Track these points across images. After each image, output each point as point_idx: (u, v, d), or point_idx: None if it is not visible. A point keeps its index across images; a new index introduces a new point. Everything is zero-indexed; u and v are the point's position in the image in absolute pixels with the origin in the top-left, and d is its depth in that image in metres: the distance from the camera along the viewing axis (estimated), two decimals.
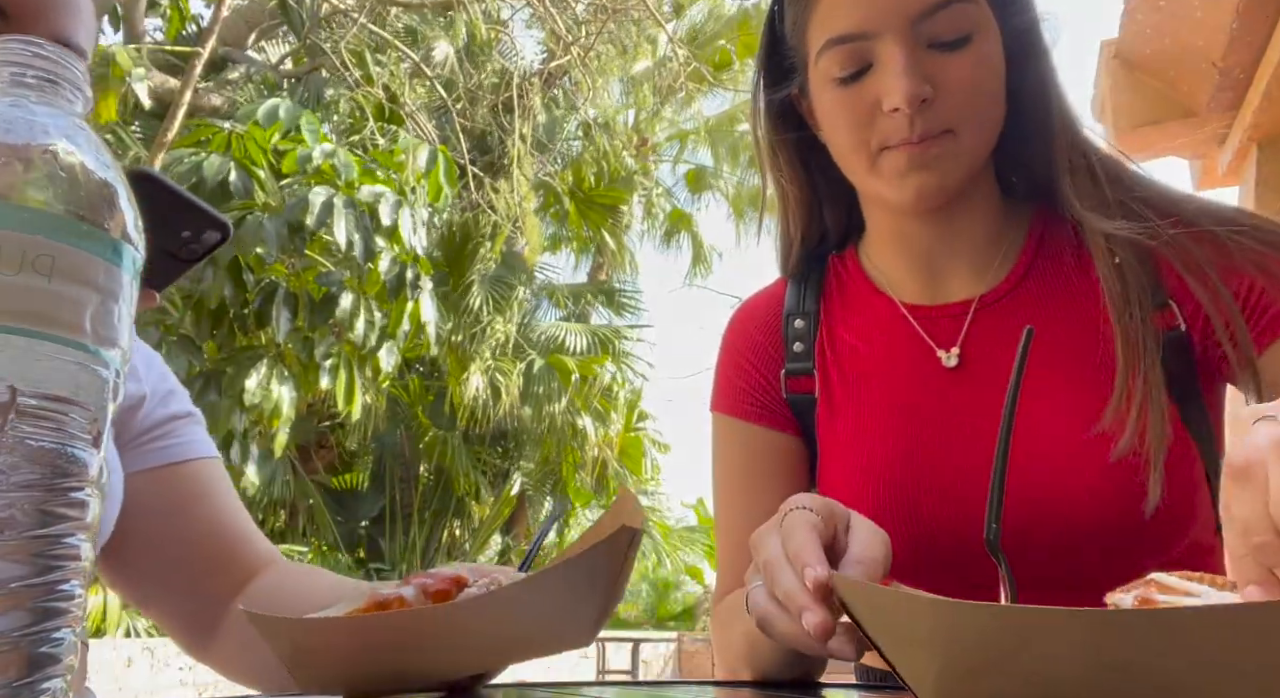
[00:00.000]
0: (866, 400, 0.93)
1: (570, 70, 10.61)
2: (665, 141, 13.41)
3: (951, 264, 0.94)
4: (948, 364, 0.90)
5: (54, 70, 0.36)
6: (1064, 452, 0.83)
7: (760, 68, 0.98)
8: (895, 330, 0.94)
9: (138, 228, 0.37)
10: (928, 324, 0.93)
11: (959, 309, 0.93)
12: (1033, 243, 0.93)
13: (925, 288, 0.95)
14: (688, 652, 10.98)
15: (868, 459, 0.90)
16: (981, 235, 0.93)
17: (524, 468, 11.19)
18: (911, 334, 0.93)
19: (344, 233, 5.94)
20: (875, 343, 0.95)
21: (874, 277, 0.98)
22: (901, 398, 0.92)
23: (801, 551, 0.57)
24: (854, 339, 0.97)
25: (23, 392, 0.32)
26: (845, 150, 0.89)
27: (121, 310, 0.35)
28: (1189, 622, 0.36)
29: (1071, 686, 0.39)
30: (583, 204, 11.61)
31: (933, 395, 0.90)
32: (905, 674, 0.46)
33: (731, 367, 1.02)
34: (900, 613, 0.45)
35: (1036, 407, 0.84)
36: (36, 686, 0.31)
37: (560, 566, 0.55)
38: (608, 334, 11.24)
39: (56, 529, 0.32)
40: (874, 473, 0.89)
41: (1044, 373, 0.86)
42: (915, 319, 0.94)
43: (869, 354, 0.95)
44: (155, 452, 0.92)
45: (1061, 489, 0.82)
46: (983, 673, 0.41)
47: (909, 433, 0.89)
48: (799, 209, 1.02)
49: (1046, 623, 0.38)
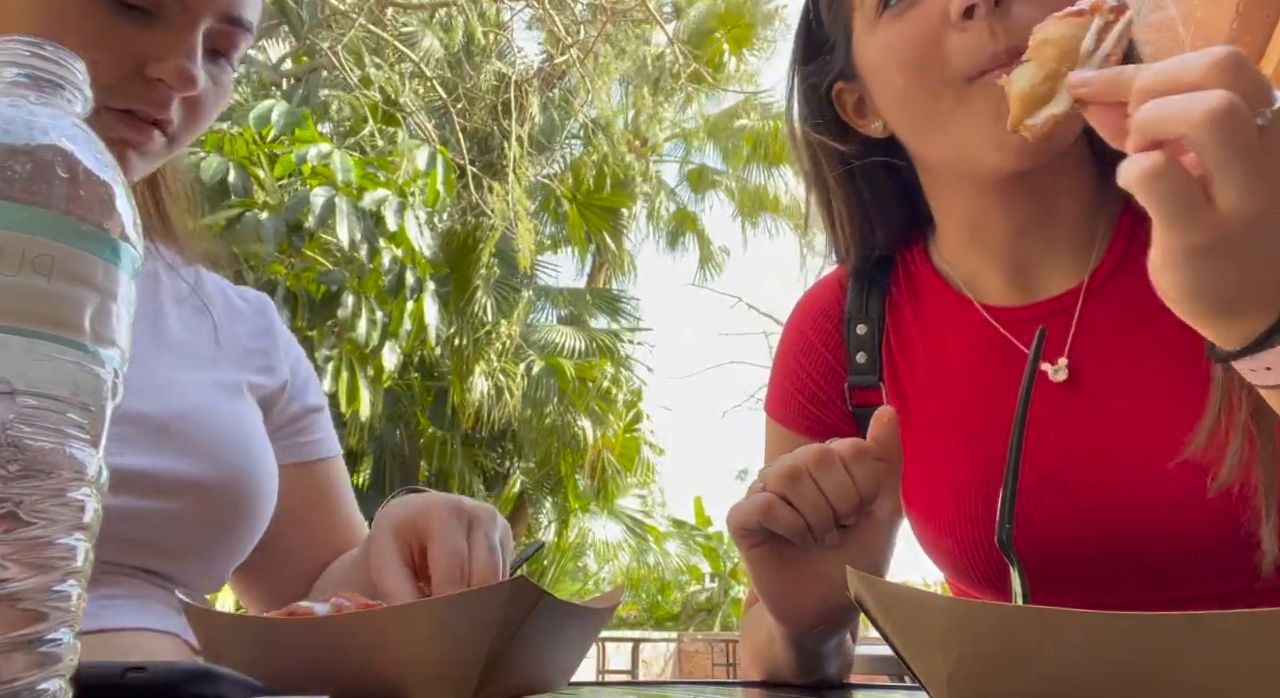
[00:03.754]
0: (950, 422, 0.82)
1: (570, 70, 10.60)
2: (666, 141, 13.41)
3: (1041, 255, 0.81)
4: (1056, 379, 0.78)
5: (54, 70, 0.36)
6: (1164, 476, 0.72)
7: (796, 61, 0.88)
8: (979, 339, 0.82)
9: (137, 228, 0.37)
10: (1016, 329, 0.81)
11: (1047, 308, 0.80)
12: (1128, 219, 0.79)
13: (1011, 286, 0.82)
14: (687, 652, 10.98)
15: (954, 489, 0.80)
16: (1077, 216, 0.80)
17: (523, 469, 11.20)
18: (995, 339, 0.81)
19: (346, 233, 5.94)
20: (954, 354, 0.84)
21: (948, 275, 0.86)
22: (987, 410, 0.79)
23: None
24: (928, 348, 0.85)
25: (21, 391, 0.32)
26: (914, 97, 0.74)
27: (121, 310, 0.35)
28: (1202, 624, 0.36)
29: (1084, 686, 0.39)
30: (582, 206, 11.61)
31: (1035, 409, 0.74)
32: (920, 673, 0.46)
33: (787, 372, 0.92)
34: (915, 612, 0.45)
35: (1142, 415, 0.73)
36: (36, 686, 0.31)
37: (444, 597, 0.55)
38: (606, 338, 11.24)
39: (54, 530, 0.32)
40: (964, 504, 0.79)
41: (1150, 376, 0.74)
42: (1002, 325, 0.81)
43: (949, 368, 0.84)
44: (295, 448, 0.91)
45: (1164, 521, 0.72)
46: (996, 673, 0.42)
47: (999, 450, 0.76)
48: (847, 213, 0.89)
49: (1060, 624, 0.38)
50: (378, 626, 0.52)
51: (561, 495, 11.19)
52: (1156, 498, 0.72)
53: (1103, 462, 0.75)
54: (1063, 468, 0.76)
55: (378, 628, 0.52)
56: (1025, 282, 0.82)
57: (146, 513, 0.72)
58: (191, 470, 0.75)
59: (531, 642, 0.54)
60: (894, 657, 0.49)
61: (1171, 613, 0.37)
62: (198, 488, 0.75)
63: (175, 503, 0.74)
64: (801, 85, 0.87)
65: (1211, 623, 0.36)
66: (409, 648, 0.52)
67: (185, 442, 0.76)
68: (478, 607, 0.52)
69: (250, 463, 0.81)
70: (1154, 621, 0.37)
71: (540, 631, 0.55)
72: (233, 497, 0.78)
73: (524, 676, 0.57)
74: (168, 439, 0.75)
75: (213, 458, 0.77)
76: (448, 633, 0.51)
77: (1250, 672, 0.36)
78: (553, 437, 10.35)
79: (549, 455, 10.64)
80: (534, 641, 0.54)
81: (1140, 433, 0.74)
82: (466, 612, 0.52)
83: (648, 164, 12.68)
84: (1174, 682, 0.37)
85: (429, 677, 0.52)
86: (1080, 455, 0.76)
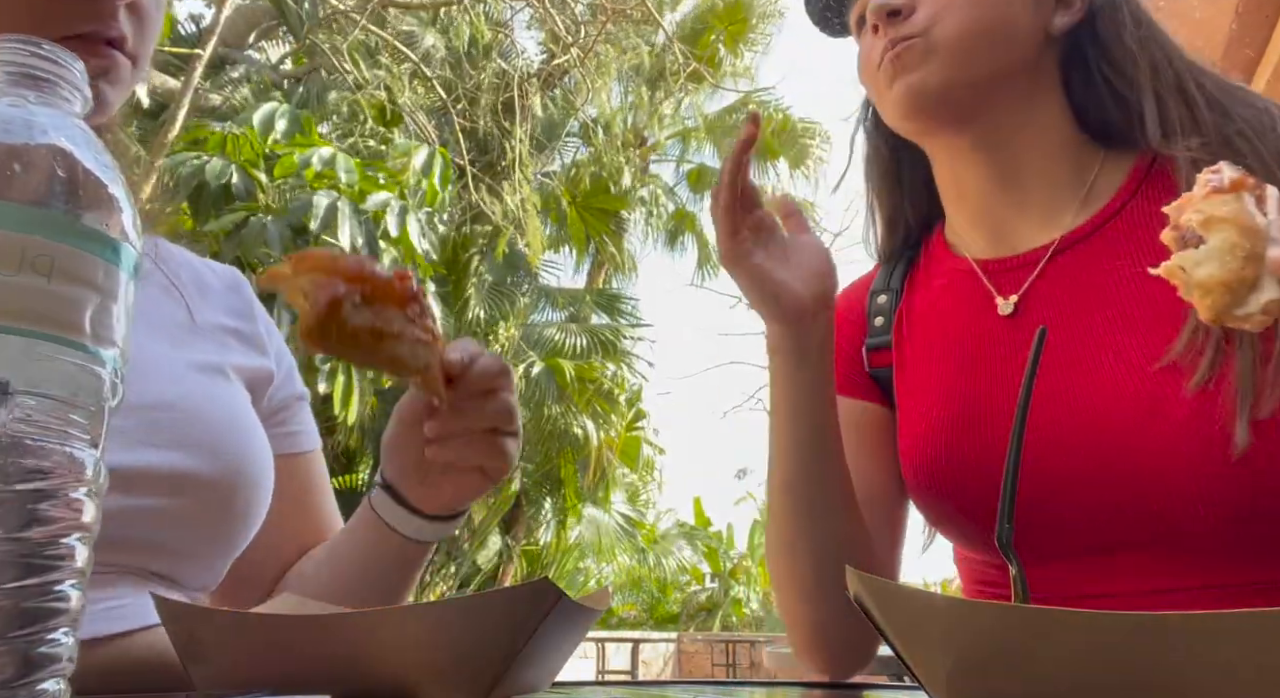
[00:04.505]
0: (932, 359, 0.92)
1: (570, 69, 10.61)
2: (666, 140, 13.41)
3: (1015, 212, 0.90)
4: (1003, 312, 0.87)
5: (54, 70, 0.36)
6: (1135, 392, 0.77)
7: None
8: (963, 286, 0.92)
9: (136, 228, 0.37)
10: (995, 276, 0.90)
11: (1030, 258, 0.88)
12: (1130, 187, 0.86)
13: (992, 240, 0.92)
14: (687, 652, 10.98)
15: (926, 421, 0.89)
16: (1048, 181, 0.89)
17: (523, 468, 11.19)
18: (976, 287, 0.91)
19: (348, 236, 5.95)
20: (945, 303, 0.94)
21: (952, 242, 0.97)
22: (958, 351, 0.90)
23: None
24: (928, 305, 0.95)
25: (21, 391, 0.32)
26: (870, 93, 0.92)
27: (120, 310, 0.35)
28: (1202, 624, 0.36)
29: (1084, 686, 0.39)
30: (581, 207, 11.61)
31: (988, 345, 0.87)
32: (919, 671, 0.46)
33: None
34: (915, 612, 0.45)
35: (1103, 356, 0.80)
36: (35, 686, 0.31)
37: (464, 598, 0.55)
38: (606, 335, 11.24)
39: (54, 530, 0.32)
40: (933, 432, 0.88)
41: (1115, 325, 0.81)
42: (985, 273, 0.91)
43: (939, 315, 0.94)
44: (281, 439, 0.88)
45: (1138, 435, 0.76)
46: (995, 671, 0.42)
47: (962, 387, 0.87)
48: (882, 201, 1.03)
49: (1060, 624, 0.39)
50: (395, 625, 0.52)
51: (561, 496, 11.18)
52: (1124, 415, 0.77)
53: (1058, 393, 0.81)
54: (998, 393, 0.84)
55: (395, 627, 0.51)
56: (1000, 236, 0.91)
57: (143, 511, 0.70)
58: (186, 464, 0.72)
59: (546, 642, 0.54)
60: (894, 657, 0.49)
61: (1171, 613, 0.37)
62: (195, 483, 0.73)
63: (172, 499, 0.71)
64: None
65: (1211, 623, 0.36)
66: (427, 648, 0.51)
67: (176, 433, 0.73)
68: (500, 607, 0.52)
69: (248, 455, 0.78)
70: (1154, 621, 0.37)
71: (555, 631, 0.54)
72: (230, 492, 0.76)
73: (530, 676, 0.57)
74: (157, 431, 0.72)
75: (209, 451, 0.74)
76: (469, 633, 0.51)
77: (1250, 672, 0.36)
78: (552, 439, 10.35)
79: (549, 456, 10.64)
80: (548, 641, 0.54)
81: (1097, 358, 0.80)
82: (488, 612, 0.52)
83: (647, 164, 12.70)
84: (1174, 682, 0.37)
85: (444, 677, 0.52)
86: (1016, 381, 0.81)
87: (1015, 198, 0.89)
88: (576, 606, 0.56)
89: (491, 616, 0.51)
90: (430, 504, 0.78)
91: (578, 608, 0.56)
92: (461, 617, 0.52)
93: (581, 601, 0.57)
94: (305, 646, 0.52)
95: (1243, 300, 0.51)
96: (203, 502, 0.74)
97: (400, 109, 8.94)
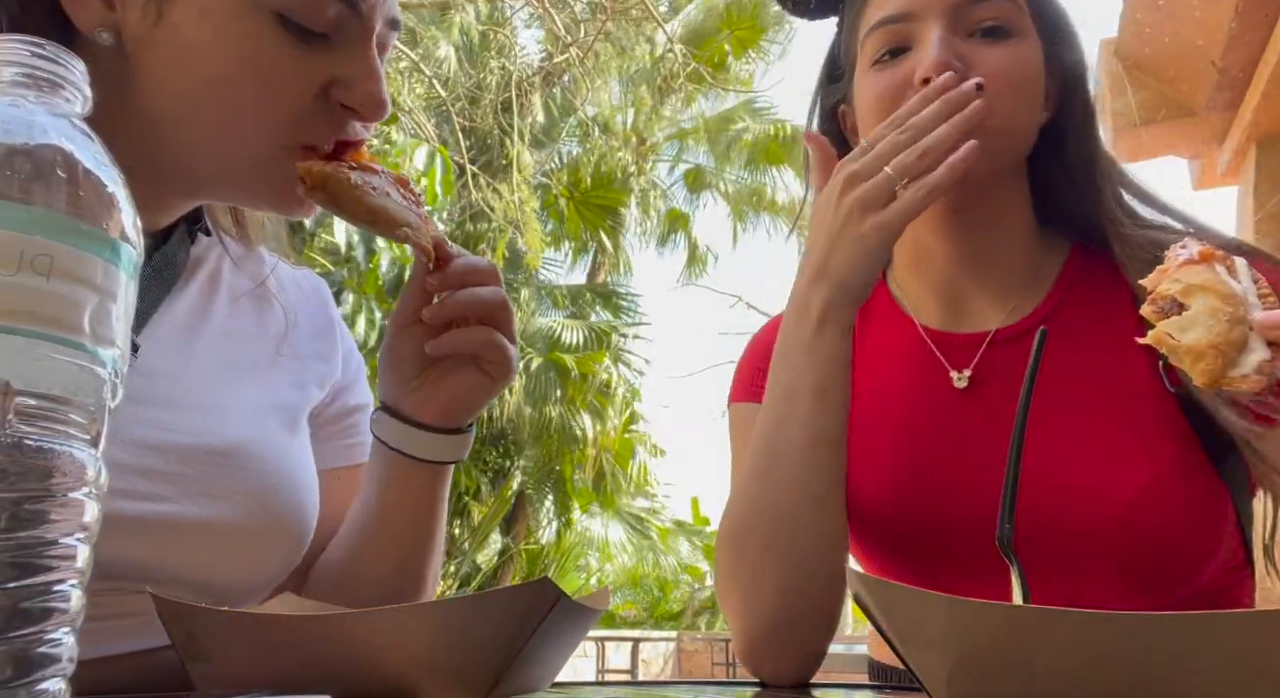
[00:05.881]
0: (876, 421, 0.92)
1: (570, 68, 10.60)
2: (665, 141, 13.40)
3: (975, 291, 0.92)
4: (958, 386, 0.89)
5: (54, 70, 0.36)
6: (1085, 482, 0.81)
7: (820, 82, 1.00)
8: (911, 352, 0.93)
9: (136, 228, 0.37)
10: (947, 350, 0.92)
11: (980, 339, 0.90)
12: (1067, 277, 0.91)
13: (947, 314, 0.93)
14: (687, 651, 10.98)
15: (875, 486, 0.89)
16: (1009, 264, 0.91)
17: (523, 467, 11.19)
18: (928, 357, 0.92)
19: (344, 234, 5.95)
20: (889, 362, 0.94)
21: (898, 297, 0.98)
22: (909, 417, 0.91)
23: None
24: (869, 357, 0.95)
25: (20, 391, 0.32)
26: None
27: (119, 310, 0.35)
28: (1202, 624, 0.36)
29: (1084, 686, 0.39)
30: (580, 205, 11.61)
31: (940, 416, 0.89)
32: (919, 672, 0.47)
33: (755, 361, 1.01)
34: (915, 612, 0.46)
35: (1053, 444, 0.82)
36: (34, 686, 0.31)
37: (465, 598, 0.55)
38: (605, 329, 11.24)
39: (53, 531, 0.32)
40: (882, 499, 0.89)
41: (1065, 414, 0.84)
42: (934, 344, 0.92)
43: (882, 373, 0.94)
44: (341, 451, 0.88)
45: (1087, 514, 0.80)
46: (996, 672, 0.42)
47: (915, 454, 0.89)
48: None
49: (1060, 624, 0.39)
50: (395, 624, 0.52)
51: (562, 494, 11.18)
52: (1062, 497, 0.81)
53: (993, 468, 0.80)
54: (951, 466, 0.87)
55: (395, 627, 0.51)
56: (958, 311, 0.93)
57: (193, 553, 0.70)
58: (237, 516, 0.72)
59: (546, 642, 0.54)
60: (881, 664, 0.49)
61: (1171, 613, 0.37)
62: (245, 533, 0.73)
63: (222, 546, 0.72)
64: (822, 102, 1.00)
65: (1211, 623, 0.36)
66: (427, 647, 0.51)
67: (236, 484, 0.72)
68: (500, 607, 0.51)
69: (299, 511, 0.78)
70: (1154, 621, 0.37)
71: (556, 631, 0.54)
72: (276, 541, 0.76)
73: (530, 676, 0.56)
74: (215, 478, 0.71)
75: (262, 504, 0.74)
76: (470, 633, 0.51)
77: (1250, 672, 0.36)
78: (553, 436, 10.35)
79: (550, 453, 10.63)
80: (548, 641, 0.54)
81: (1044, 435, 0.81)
82: (488, 612, 0.52)
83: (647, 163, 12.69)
84: (1174, 682, 0.37)
85: (444, 677, 0.51)
86: (971, 457, 0.86)
87: (980, 276, 0.91)
88: (577, 605, 0.56)
89: (492, 615, 0.51)
90: (430, 411, 0.77)
91: (578, 608, 0.56)
92: (462, 616, 0.52)
93: (581, 600, 0.57)
94: (305, 645, 0.52)
95: (1235, 362, 0.52)
96: (250, 552, 0.74)
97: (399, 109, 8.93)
